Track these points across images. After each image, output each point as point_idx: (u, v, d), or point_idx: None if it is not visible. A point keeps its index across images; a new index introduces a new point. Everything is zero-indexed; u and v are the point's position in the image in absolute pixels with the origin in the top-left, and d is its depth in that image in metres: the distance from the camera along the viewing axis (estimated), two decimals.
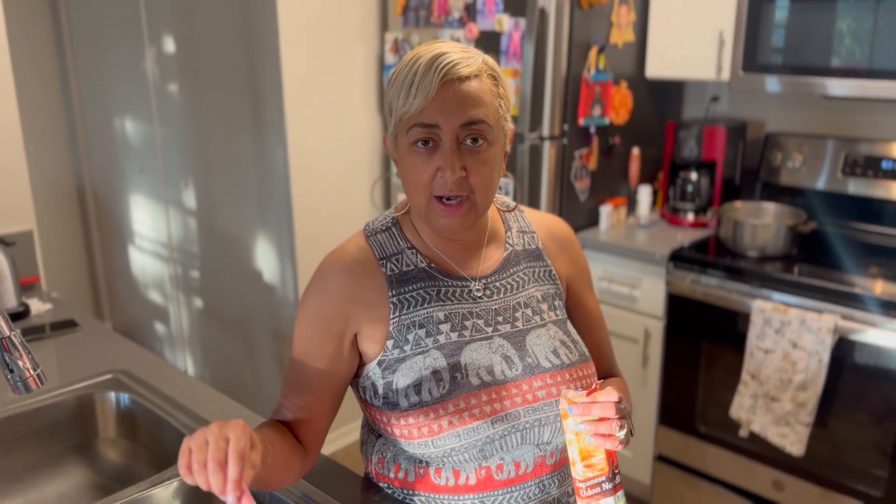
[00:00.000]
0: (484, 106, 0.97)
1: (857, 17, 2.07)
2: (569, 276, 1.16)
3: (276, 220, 2.69)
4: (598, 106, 2.48)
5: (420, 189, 0.99)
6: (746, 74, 2.31)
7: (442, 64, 0.95)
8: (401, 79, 0.98)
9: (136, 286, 3.53)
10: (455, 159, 0.96)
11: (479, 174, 0.98)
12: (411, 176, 1.00)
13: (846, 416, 2.09)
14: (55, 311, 1.81)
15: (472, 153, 0.98)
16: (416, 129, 0.97)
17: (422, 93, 0.95)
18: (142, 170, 3.25)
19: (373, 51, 2.78)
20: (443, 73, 0.95)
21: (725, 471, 2.36)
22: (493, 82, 1.00)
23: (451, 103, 0.95)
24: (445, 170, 0.96)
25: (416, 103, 0.95)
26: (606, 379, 1.20)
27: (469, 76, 0.97)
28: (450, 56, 0.96)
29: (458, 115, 0.96)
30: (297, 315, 1.08)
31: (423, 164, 0.98)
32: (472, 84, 0.97)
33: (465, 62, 0.97)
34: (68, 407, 1.40)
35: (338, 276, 1.05)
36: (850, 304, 2.02)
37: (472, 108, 0.96)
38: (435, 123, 0.96)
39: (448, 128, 0.96)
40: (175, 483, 1.14)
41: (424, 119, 0.96)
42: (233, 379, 3.13)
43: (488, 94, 0.99)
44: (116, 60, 3.19)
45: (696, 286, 2.30)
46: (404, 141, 0.99)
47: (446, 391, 1.00)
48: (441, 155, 0.97)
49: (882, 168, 2.40)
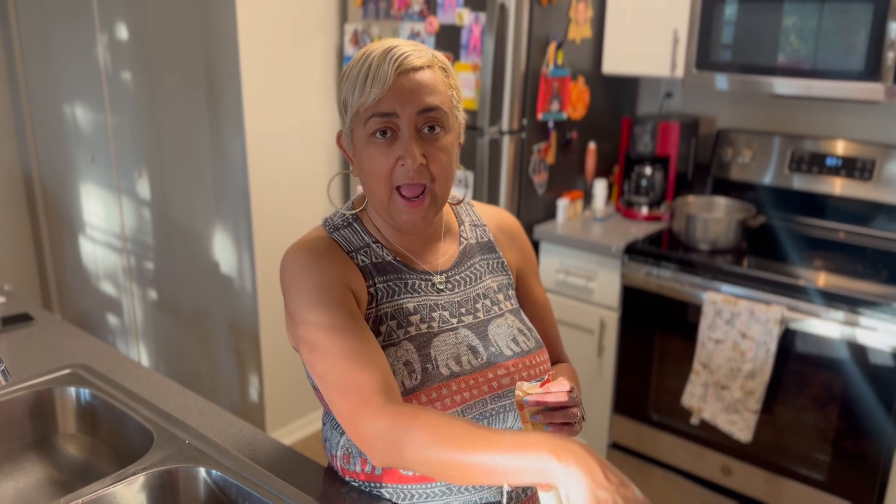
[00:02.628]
0: (438, 94, 1.01)
1: (802, 15, 2.15)
2: (518, 266, 1.21)
3: (234, 210, 2.67)
4: (556, 101, 2.52)
5: (380, 180, 1.01)
6: (699, 72, 2.38)
7: (396, 55, 0.98)
8: (354, 73, 1.01)
9: (87, 277, 3.46)
10: (415, 147, 0.99)
11: (438, 161, 1.01)
12: (371, 167, 1.01)
13: (791, 404, 2.18)
14: (8, 305, 1.77)
15: (429, 141, 1.01)
16: (374, 119, 0.99)
17: (378, 83, 0.97)
18: (93, 159, 3.18)
19: (332, 42, 2.77)
20: (397, 63, 0.98)
21: (677, 457, 2.44)
22: (444, 74, 1.04)
23: (407, 91, 0.98)
24: (406, 157, 0.98)
25: (374, 93, 0.98)
26: (556, 365, 1.25)
27: (422, 66, 1.00)
28: (402, 48, 1.00)
29: (414, 103, 0.98)
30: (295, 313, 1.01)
31: (383, 155, 1.00)
32: (426, 73, 1.00)
33: (417, 54, 1.00)
34: (26, 403, 1.38)
35: (319, 257, 1.02)
36: (795, 296, 2.10)
37: (428, 95, 0.99)
38: (393, 112, 0.98)
39: (406, 115, 0.98)
40: (141, 478, 1.13)
41: (382, 108, 0.98)
42: (188, 371, 3.10)
43: (441, 83, 1.02)
44: (66, 46, 3.11)
45: (650, 278, 2.36)
46: (362, 133, 1.01)
47: (419, 382, 1.02)
48: (400, 144, 0.99)
49: (826, 164, 2.49)
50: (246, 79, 2.49)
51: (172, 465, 1.17)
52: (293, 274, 1.02)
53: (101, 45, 2.94)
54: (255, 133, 2.56)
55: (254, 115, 2.54)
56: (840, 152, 2.48)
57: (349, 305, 0.99)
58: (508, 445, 0.83)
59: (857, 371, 2.04)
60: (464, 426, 0.87)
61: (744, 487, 2.32)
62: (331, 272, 1.01)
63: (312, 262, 1.02)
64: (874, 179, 2.40)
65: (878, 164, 2.40)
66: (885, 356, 1.98)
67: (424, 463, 0.88)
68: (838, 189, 2.48)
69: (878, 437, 2.04)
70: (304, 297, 1.00)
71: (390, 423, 0.90)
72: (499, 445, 0.83)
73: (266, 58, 2.55)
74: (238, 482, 1.13)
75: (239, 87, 2.50)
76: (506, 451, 0.82)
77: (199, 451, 1.20)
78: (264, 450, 1.23)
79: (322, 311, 0.98)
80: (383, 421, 0.91)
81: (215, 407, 1.36)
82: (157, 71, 2.77)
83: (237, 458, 1.19)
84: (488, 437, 0.85)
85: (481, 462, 0.84)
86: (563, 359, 1.29)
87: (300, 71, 2.68)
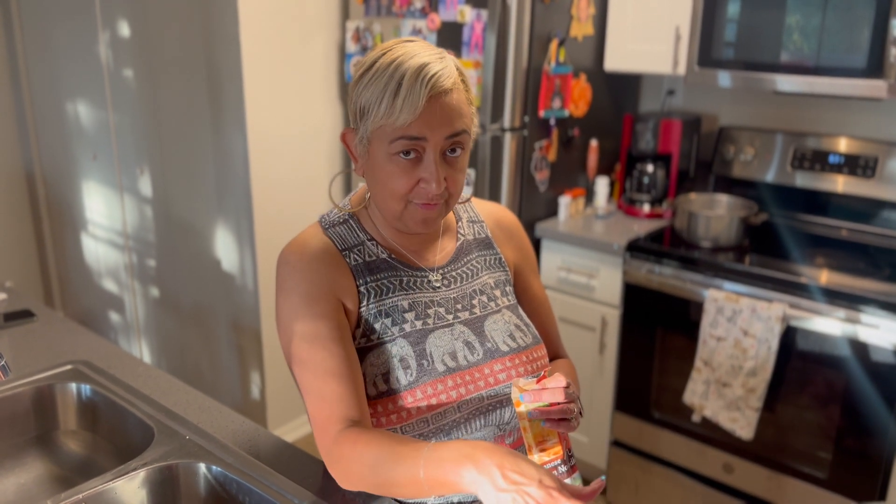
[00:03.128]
0: (464, 117, 1.00)
1: (805, 12, 2.14)
2: (516, 263, 1.21)
3: (235, 208, 2.67)
4: (557, 98, 2.51)
5: (397, 197, 1.01)
6: (701, 69, 2.37)
7: (428, 76, 0.96)
8: (381, 85, 0.97)
9: (89, 275, 3.46)
10: (440, 173, 0.98)
11: (456, 182, 1.02)
12: (389, 184, 1.00)
13: (793, 401, 2.18)
14: (10, 302, 1.77)
15: (451, 163, 1.01)
16: (401, 141, 0.97)
17: (409, 106, 0.95)
18: (95, 156, 3.18)
19: (334, 39, 2.77)
20: (430, 86, 0.95)
21: (678, 455, 2.44)
22: (465, 88, 1.03)
23: (438, 118, 0.97)
24: (430, 182, 0.98)
25: (404, 117, 0.96)
26: (554, 361, 1.24)
27: (451, 88, 0.98)
28: (432, 67, 0.97)
29: (444, 129, 0.98)
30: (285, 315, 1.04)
31: (404, 174, 0.99)
32: (454, 96, 0.99)
33: (446, 73, 0.98)
34: (27, 398, 1.38)
35: (310, 262, 1.04)
36: (797, 294, 2.10)
37: (456, 120, 0.99)
38: (423, 136, 0.97)
39: (434, 140, 0.98)
40: (142, 473, 1.14)
41: (412, 132, 0.97)
42: (189, 369, 3.10)
43: (465, 104, 1.01)
44: (68, 44, 3.11)
45: (652, 276, 2.36)
46: (383, 148, 1.00)
47: (414, 378, 1.02)
48: (425, 168, 0.99)
49: (829, 162, 2.49)
50: (248, 76, 2.49)
51: (173, 460, 1.17)
52: (284, 280, 1.05)
53: (103, 42, 2.94)
54: (257, 130, 2.56)
55: (255, 112, 2.54)
56: (842, 150, 2.47)
57: (334, 317, 1.02)
58: (426, 463, 0.87)
59: (858, 369, 2.04)
60: (392, 447, 0.92)
61: (745, 485, 2.31)
62: (320, 282, 1.03)
63: (303, 269, 1.03)
64: (877, 177, 2.40)
65: (880, 161, 2.39)
66: (886, 354, 1.98)
67: (369, 487, 0.96)
68: (841, 186, 2.47)
69: (879, 435, 2.04)
70: (292, 307, 1.03)
71: (336, 449, 0.97)
72: (417, 462, 0.88)
73: (268, 55, 2.55)
74: (238, 478, 1.13)
75: (240, 84, 2.50)
76: (423, 468, 0.87)
77: (199, 446, 1.20)
78: (264, 446, 1.23)
79: (306, 323, 1.01)
80: (334, 446, 0.98)
81: (216, 403, 1.36)
82: (159, 68, 2.77)
83: (237, 453, 1.19)
84: (411, 456, 0.89)
85: (409, 481, 0.89)
86: (561, 354, 1.29)
87: (302, 68, 2.68)
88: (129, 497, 1.14)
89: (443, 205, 1.03)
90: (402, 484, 0.90)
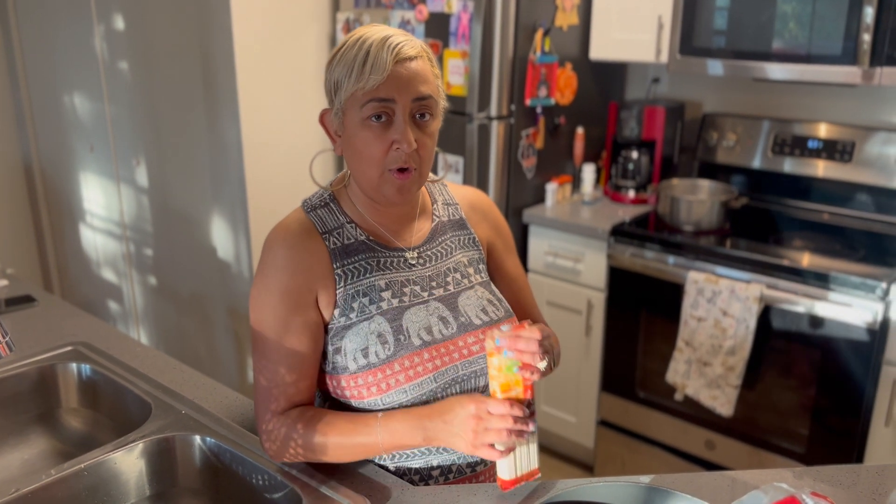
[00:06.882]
0: (429, 83, 1.08)
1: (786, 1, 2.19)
2: (490, 242, 1.28)
3: (230, 197, 2.73)
4: (543, 87, 2.57)
5: (373, 163, 1.07)
6: (683, 57, 2.43)
7: (393, 44, 1.04)
8: (350, 57, 1.06)
9: (88, 264, 3.52)
10: (410, 133, 1.05)
11: (426, 147, 1.09)
12: (364, 150, 1.07)
13: (771, 379, 2.25)
14: (11, 287, 1.83)
15: (420, 127, 1.08)
16: (371, 103, 1.04)
17: (377, 70, 1.03)
18: (92, 148, 3.24)
19: (325, 30, 2.82)
20: (395, 52, 1.04)
21: (663, 433, 2.51)
22: (431, 63, 1.10)
23: (405, 80, 1.05)
24: (402, 142, 1.05)
25: (373, 79, 1.03)
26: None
27: (416, 56, 1.07)
28: (396, 37, 1.06)
29: (410, 91, 1.05)
30: (259, 298, 1.10)
31: (377, 139, 1.06)
32: (418, 63, 1.07)
33: (410, 44, 1.07)
34: (30, 378, 1.45)
35: (290, 250, 1.10)
36: (774, 275, 2.16)
37: (422, 84, 1.06)
38: (391, 98, 1.04)
39: (402, 102, 1.05)
40: (140, 445, 1.20)
41: (380, 94, 1.04)
42: (188, 355, 3.17)
43: (430, 73, 1.09)
44: (64, 37, 3.16)
45: (636, 259, 2.42)
46: (355, 116, 1.06)
47: (392, 352, 1.09)
48: (396, 129, 1.05)
49: (808, 147, 2.55)
50: (241, 68, 2.55)
51: (170, 433, 1.24)
52: (265, 265, 1.11)
53: (99, 35, 2.99)
54: (250, 121, 2.62)
55: (248, 103, 2.60)
56: (821, 135, 2.53)
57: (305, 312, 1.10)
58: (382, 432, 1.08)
59: (833, 346, 2.11)
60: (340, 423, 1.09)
61: (727, 461, 2.39)
62: (298, 273, 1.09)
63: (284, 257, 1.10)
64: (854, 161, 2.46)
65: (857, 146, 2.46)
66: (860, 331, 2.05)
67: (311, 450, 1.09)
68: (820, 171, 2.53)
69: (854, 410, 2.11)
70: (269, 295, 1.10)
71: (276, 424, 1.10)
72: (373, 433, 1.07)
73: (260, 47, 2.60)
74: (231, 448, 1.19)
75: (234, 75, 2.55)
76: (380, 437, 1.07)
77: (194, 420, 1.27)
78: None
79: (278, 313, 1.09)
80: (273, 423, 1.11)
81: (210, 380, 1.43)
82: (154, 61, 2.83)
83: (231, 426, 1.25)
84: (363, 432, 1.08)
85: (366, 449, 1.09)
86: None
87: (294, 59, 2.73)
88: (129, 467, 1.20)
89: (416, 174, 1.09)
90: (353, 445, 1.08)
